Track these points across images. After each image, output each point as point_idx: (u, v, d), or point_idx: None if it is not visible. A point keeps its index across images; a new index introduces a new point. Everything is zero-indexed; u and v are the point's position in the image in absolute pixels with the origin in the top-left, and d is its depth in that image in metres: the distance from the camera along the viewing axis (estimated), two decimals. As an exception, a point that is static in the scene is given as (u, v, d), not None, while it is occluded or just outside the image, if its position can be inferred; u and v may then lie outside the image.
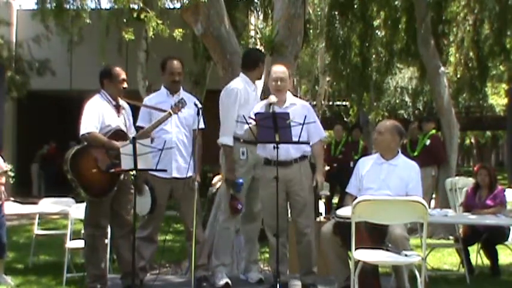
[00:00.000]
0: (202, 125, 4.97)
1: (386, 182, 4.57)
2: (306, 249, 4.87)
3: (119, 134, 4.74)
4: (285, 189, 4.81)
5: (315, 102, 18.27)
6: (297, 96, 6.09)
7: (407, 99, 20.65)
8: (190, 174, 4.94)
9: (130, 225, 4.79)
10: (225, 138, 5.04)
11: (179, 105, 4.84)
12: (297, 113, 4.69)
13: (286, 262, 4.96)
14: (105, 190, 4.68)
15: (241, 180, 4.98)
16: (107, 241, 4.96)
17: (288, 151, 4.77)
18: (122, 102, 4.93)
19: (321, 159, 5.01)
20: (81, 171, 4.58)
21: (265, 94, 5.38)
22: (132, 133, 4.89)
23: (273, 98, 4.81)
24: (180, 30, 7.02)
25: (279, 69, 4.94)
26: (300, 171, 4.84)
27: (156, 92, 5.32)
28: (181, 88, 5.21)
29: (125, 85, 4.90)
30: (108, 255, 5.04)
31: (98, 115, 4.69)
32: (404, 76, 20.07)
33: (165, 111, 4.86)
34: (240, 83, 5.11)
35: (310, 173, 4.93)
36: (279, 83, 4.87)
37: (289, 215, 5.07)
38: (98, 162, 4.62)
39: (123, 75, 4.90)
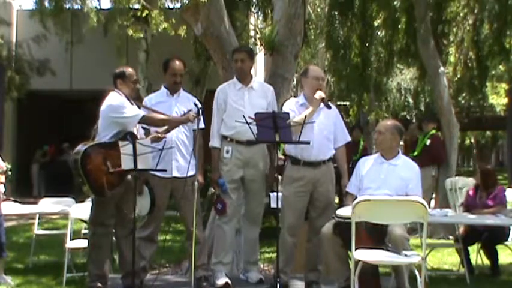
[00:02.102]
0: (202, 125, 4.96)
1: (386, 182, 4.58)
2: (316, 248, 4.86)
3: (132, 135, 4.73)
4: (311, 189, 4.84)
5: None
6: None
7: (410, 100, 20.59)
8: (190, 173, 4.93)
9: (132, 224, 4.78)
10: (211, 141, 5.13)
11: (196, 116, 4.82)
12: (328, 115, 4.85)
13: (292, 263, 4.97)
14: (108, 188, 4.65)
15: (222, 180, 4.99)
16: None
17: (320, 152, 4.81)
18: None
19: (345, 162, 5.06)
20: (90, 169, 4.56)
21: None
22: (141, 135, 4.90)
23: (322, 93, 4.83)
24: (185, 27, 7.01)
25: (319, 69, 5.14)
26: (327, 172, 4.90)
27: (156, 92, 5.33)
28: (182, 88, 5.22)
29: (137, 85, 5.02)
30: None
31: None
32: (406, 77, 20.03)
33: (162, 113, 4.87)
34: (225, 84, 5.19)
35: (334, 174, 4.99)
36: (320, 81, 4.93)
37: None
38: (106, 161, 4.61)
39: (135, 76, 4.98)
